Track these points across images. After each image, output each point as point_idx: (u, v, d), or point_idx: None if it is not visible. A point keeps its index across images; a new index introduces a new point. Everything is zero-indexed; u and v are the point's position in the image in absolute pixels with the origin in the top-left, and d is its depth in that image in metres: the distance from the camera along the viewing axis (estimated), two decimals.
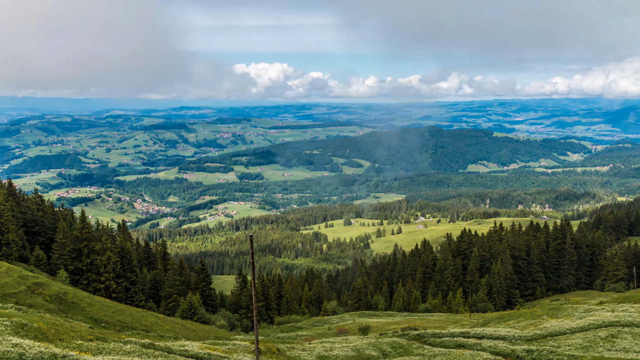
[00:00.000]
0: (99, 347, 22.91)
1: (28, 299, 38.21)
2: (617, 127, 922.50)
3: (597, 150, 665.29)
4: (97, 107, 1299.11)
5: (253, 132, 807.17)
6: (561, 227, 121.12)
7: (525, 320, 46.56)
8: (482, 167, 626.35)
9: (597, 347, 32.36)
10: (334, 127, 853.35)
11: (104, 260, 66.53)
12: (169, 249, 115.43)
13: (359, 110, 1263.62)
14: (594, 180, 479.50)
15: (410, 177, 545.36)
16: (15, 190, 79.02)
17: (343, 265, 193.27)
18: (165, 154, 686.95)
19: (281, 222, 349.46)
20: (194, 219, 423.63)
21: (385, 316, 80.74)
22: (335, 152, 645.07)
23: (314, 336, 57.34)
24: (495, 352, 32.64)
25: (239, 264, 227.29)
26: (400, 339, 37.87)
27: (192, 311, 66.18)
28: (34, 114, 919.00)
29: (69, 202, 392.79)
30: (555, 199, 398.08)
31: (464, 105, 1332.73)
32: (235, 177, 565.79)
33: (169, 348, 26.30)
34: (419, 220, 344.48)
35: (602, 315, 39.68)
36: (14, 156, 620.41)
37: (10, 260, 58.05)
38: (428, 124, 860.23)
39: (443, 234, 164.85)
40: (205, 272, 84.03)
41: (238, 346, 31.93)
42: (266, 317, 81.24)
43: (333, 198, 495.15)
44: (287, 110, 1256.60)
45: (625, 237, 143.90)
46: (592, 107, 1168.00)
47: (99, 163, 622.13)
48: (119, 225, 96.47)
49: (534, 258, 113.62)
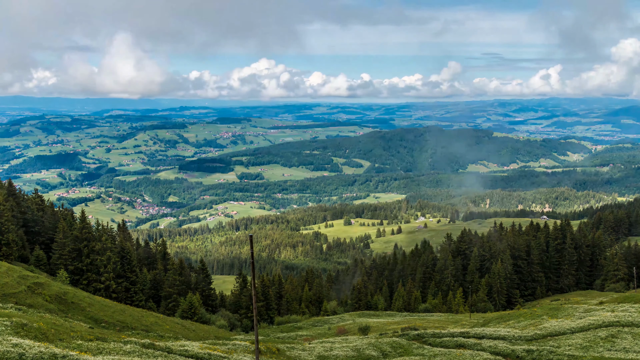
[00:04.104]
0: (99, 347, 22.91)
1: (28, 299, 38.21)
2: (617, 127, 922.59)
3: (597, 150, 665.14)
4: (97, 107, 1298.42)
5: (253, 132, 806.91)
6: (561, 227, 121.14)
7: (525, 320, 46.56)
8: (482, 167, 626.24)
9: (597, 347, 32.35)
10: (334, 127, 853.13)
11: (104, 260, 66.54)
12: (169, 249, 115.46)
13: (359, 110, 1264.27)
14: (593, 180, 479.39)
15: (410, 177, 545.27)
16: (15, 190, 78.97)
17: (343, 265, 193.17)
18: (165, 154, 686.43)
19: (281, 222, 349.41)
20: (194, 219, 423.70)
21: (385, 316, 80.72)
22: (335, 152, 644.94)
23: (314, 336, 57.33)
24: (495, 352, 32.63)
25: (239, 264, 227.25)
26: (400, 339, 37.87)
27: (192, 311, 66.18)
28: (34, 114, 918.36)
29: (69, 202, 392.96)
30: (555, 199, 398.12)
31: (464, 105, 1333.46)
32: (235, 177, 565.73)
33: (169, 348, 26.30)
34: (419, 220, 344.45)
35: (602, 315, 39.67)
36: (14, 156, 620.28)
37: (10, 260, 58.07)
38: (428, 124, 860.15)
39: (443, 234, 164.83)
40: (205, 272, 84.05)
41: (238, 346, 31.92)
42: (266, 317, 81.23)
43: (333, 198, 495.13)
44: (287, 110, 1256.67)
45: (625, 237, 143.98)
46: (592, 107, 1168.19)
47: (99, 163, 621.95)
48: (119, 225, 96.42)
49: (534, 258, 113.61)
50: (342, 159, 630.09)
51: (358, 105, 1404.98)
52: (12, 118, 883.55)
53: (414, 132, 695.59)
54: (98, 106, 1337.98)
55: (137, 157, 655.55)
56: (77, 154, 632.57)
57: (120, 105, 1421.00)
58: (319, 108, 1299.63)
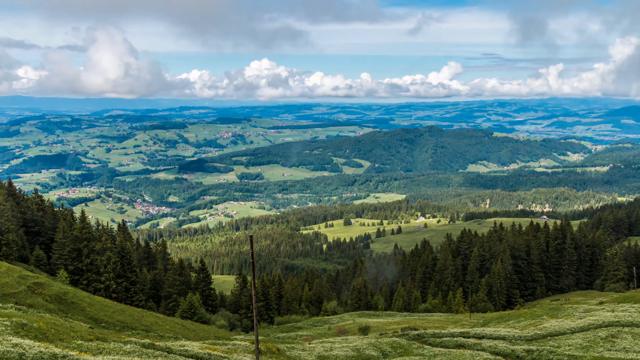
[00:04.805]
0: (99, 347, 22.91)
1: (28, 299, 38.21)
2: (617, 127, 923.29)
3: (597, 150, 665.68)
4: (97, 107, 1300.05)
5: (253, 132, 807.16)
6: (561, 227, 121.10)
7: (525, 320, 46.57)
8: (482, 167, 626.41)
9: (597, 347, 32.35)
10: (334, 127, 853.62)
11: (104, 260, 66.54)
12: (169, 249, 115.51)
13: (359, 110, 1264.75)
14: (594, 180, 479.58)
15: (410, 177, 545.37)
16: (15, 190, 78.98)
17: (343, 265, 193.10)
18: (165, 154, 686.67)
19: (281, 222, 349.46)
20: (194, 219, 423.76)
21: (385, 316, 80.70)
22: (335, 152, 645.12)
23: (314, 336, 57.33)
24: (495, 352, 32.63)
25: (239, 264, 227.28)
26: (400, 339, 37.87)
27: (192, 311, 66.18)
28: (34, 114, 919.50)
29: (69, 202, 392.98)
30: (555, 199, 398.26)
31: (464, 105, 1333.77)
32: (235, 177, 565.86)
33: (169, 348, 26.30)
34: (419, 220, 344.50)
35: (602, 315, 39.67)
36: (14, 156, 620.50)
37: (10, 260, 58.06)
38: (428, 124, 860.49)
39: (443, 234, 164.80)
40: (205, 272, 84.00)
41: (238, 346, 31.92)
42: (266, 317, 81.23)
43: (333, 198, 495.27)
44: (287, 110, 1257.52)
45: (625, 237, 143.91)
46: (592, 107, 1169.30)
47: (99, 163, 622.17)
48: (119, 225, 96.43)
49: (534, 258, 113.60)
50: (342, 159, 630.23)
51: (358, 105, 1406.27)
52: (12, 118, 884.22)
53: (414, 132, 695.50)
54: (98, 106, 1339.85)
55: (137, 157, 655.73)
56: (77, 154, 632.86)
57: (120, 105, 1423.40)
58: (319, 108, 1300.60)
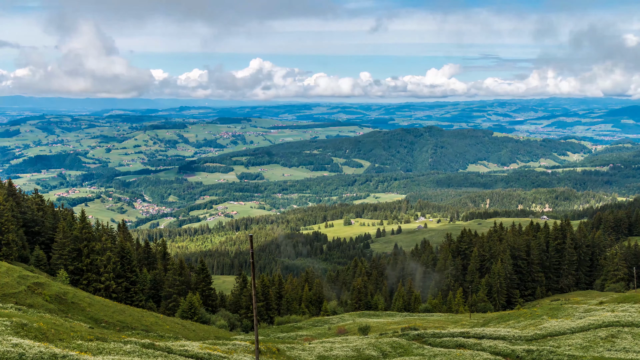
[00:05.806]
0: (99, 347, 22.91)
1: (28, 299, 38.21)
2: (617, 127, 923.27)
3: (597, 150, 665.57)
4: (97, 107, 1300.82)
5: (253, 132, 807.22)
6: (561, 227, 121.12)
7: (525, 320, 46.58)
8: (482, 167, 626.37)
9: (597, 347, 32.35)
10: (334, 127, 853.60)
11: (104, 260, 66.53)
12: (169, 249, 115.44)
13: (359, 110, 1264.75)
14: (594, 180, 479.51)
15: (410, 177, 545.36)
16: (15, 190, 78.98)
17: (343, 265, 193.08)
18: (165, 154, 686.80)
19: (281, 222, 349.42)
20: (194, 219, 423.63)
21: (385, 316, 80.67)
22: (335, 152, 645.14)
23: (314, 336, 57.31)
24: (495, 352, 32.63)
25: (239, 264, 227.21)
26: (400, 339, 37.87)
27: (192, 311, 66.17)
28: (34, 114, 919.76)
29: (69, 202, 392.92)
30: (555, 199, 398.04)
31: (464, 105, 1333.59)
32: (235, 177, 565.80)
33: (169, 348, 26.30)
34: (419, 220, 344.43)
35: (602, 315, 39.67)
36: (14, 156, 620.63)
37: (10, 260, 58.05)
38: (428, 124, 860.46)
39: (443, 234, 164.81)
40: (205, 272, 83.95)
41: (238, 346, 31.91)
42: (266, 317, 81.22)
43: (333, 198, 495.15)
44: (287, 110, 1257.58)
45: (625, 237, 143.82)
46: (592, 107, 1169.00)
47: (99, 163, 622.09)
48: (119, 225, 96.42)
49: (534, 258, 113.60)
50: (342, 159, 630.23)
51: (358, 105, 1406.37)
52: (12, 118, 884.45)
53: (414, 132, 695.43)
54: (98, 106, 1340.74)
55: (137, 157, 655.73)
56: (77, 154, 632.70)
57: (120, 105, 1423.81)
58: (318, 108, 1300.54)
